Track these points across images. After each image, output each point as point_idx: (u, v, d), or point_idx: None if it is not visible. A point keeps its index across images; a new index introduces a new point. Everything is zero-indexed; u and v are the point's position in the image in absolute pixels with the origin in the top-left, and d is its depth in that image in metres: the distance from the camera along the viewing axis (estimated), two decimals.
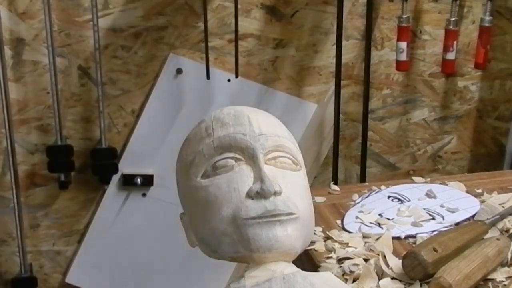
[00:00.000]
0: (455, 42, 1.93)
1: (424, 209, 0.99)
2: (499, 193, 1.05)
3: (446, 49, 1.95)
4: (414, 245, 0.89)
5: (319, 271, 0.75)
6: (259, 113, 0.63)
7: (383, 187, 1.09)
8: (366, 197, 1.06)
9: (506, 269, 0.83)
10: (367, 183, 1.14)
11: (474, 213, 0.98)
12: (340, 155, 2.04)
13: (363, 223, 0.96)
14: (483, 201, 1.02)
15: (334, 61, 1.90)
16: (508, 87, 2.13)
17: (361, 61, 1.98)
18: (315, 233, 0.92)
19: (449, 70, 2.00)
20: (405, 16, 1.89)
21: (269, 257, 0.56)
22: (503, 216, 0.94)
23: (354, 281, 0.81)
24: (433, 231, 0.93)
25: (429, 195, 1.05)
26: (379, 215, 0.98)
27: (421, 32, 2.02)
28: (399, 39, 1.91)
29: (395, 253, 0.86)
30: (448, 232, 0.86)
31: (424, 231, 0.93)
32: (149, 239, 1.84)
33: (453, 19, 1.92)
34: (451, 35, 1.93)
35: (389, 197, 1.05)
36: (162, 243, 1.85)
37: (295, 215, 0.57)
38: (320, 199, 1.05)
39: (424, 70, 2.07)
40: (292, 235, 0.56)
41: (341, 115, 1.99)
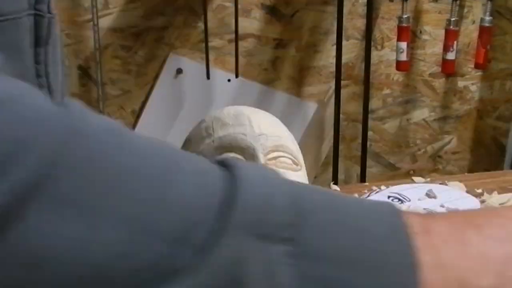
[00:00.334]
0: (455, 42, 1.93)
1: (424, 209, 0.99)
2: (499, 193, 1.05)
3: (446, 49, 1.95)
4: None
5: None
6: (259, 113, 0.63)
7: (383, 187, 1.09)
8: (366, 197, 1.05)
9: None
10: (367, 183, 1.14)
11: None
12: (340, 155, 2.04)
13: None
14: (483, 201, 1.02)
15: (334, 61, 1.90)
16: (508, 87, 2.13)
17: (361, 61, 1.98)
18: None
19: (449, 70, 2.00)
20: (405, 16, 1.89)
21: None
22: None
23: None
24: None
25: (429, 195, 1.05)
26: None
27: (421, 32, 2.02)
28: (399, 39, 1.91)
29: None
30: None
31: None
32: None
33: (453, 19, 1.92)
34: (451, 35, 1.93)
35: (389, 197, 1.05)
36: None
37: None
38: None
39: (424, 70, 2.07)
40: None
41: (341, 115, 1.99)
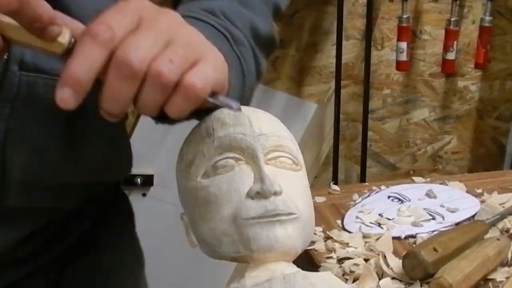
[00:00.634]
0: (455, 42, 1.94)
1: (424, 209, 0.99)
2: (499, 193, 1.05)
3: (446, 49, 1.95)
4: (414, 245, 0.89)
5: (319, 271, 0.75)
6: (259, 113, 0.63)
7: (383, 187, 1.09)
8: (366, 197, 1.06)
9: (506, 269, 0.83)
10: (367, 183, 1.14)
11: (474, 213, 0.98)
12: (340, 155, 2.04)
13: (363, 223, 0.96)
14: (483, 201, 1.02)
15: (334, 61, 1.91)
16: (508, 87, 2.13)
17: (361, 61, 1.98)
18: (315, 233, 0.92)
19: (449, 70, 2.00)
20: (405, 16, 1.89)
21: (270, 257, 0.56)
22: (503, 216, 0.94)
23: (354, 281, 0.81)
24: (433, 231, 0.93)
25: (429, 195, 1.05)
26: (379, 215, 0.98)
27: (421, 32, 2.02)
28: (399, 39, 1.91)
29: (395, 253, 0.86)
30: (448, 232, 0.87)
31: (424, 231, 0.93)
32: (149, 239, 1.83)
33: (453, 19, 1.92)
34: (451, 35, 1.93)
35: (389, 197, 1.05)
36: (162, 243, 1.85)
37: (295, 215, 0.57)
38: (320, 199, 1.05)
39: (424, 70, 2.07)
40: (292, 235, 0.56)
41: (341, 115, 1.99)
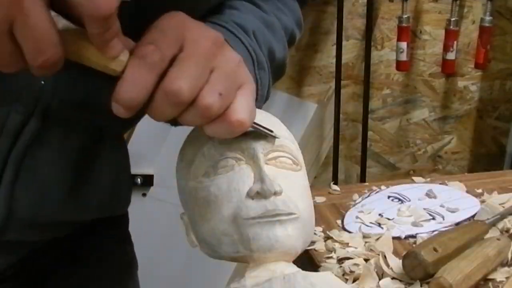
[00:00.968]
0: (455, 42, 1.94)
1: (424, 209, 0.99)
2: (499, 193, 1.05)
3: (446, 49, 1.95)
4: (414, 245, 0.89)
5: (319, 271, 0.75)
6: (259, 113, 0.63)
7: (383, 187, 1.09)
8: (366, 197, 1.06)
9: (506, 269, 0.83)
10: (367, 183, 1.14)
11: (474, 213, 0.98)
12: (340, 155, 2.04)
13: (363, 223, 0.96)
14: (483, 201, 1.02)
15: (334, 61, 1.91)
16: (508, 87, 2.13)
17: (361, 61, 1.98)
18: (315, 233, 0.92)
19: (449, 70, 2.00)
20: (405, 16, 1.89)
21: (270, 257, 0.56)
22: (503, 216, 0.94)
23: (354, 281, 0.81)
24: (433, 231, 0.93)
25: (429, 195, 1.05)
26: (379, 215, 0.98)
27: (421, 32, 2.02)
28: (399, 39, 1.91)
29: (395, 253, 0.86)
30: (448, 232, 0.86)
31: (424, 231, 0.93)
32: (149, 239, 1.84)
33: (453, 19, 1.92)
34: (451, 35, 1.93)
35: (389, 197, 1.05)
36: (162, 243, 1.85)
37: (295, 215, 0.57)
38: (320, 199, 1.05)
39: (424, 70, 2.07)
40: (292, 235, 0.56)
41: (341, 115, 1.99)
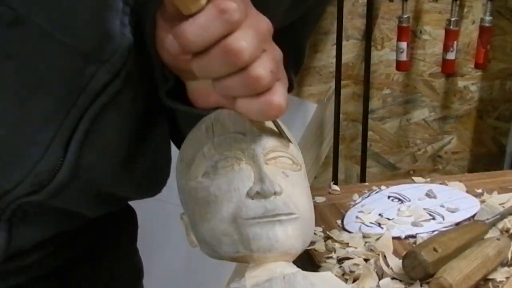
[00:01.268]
0: (455, 42, 1.94)
1: (424, 209, 0.99)
2: (499, 193, 1.05)
3: (446, 49, 1.95)
4: (414, 245, 0.89)
5: (319, 271, 0.75)
6: None
7: (383, 187, 1.09)
8: (366, 197, 1.06)
9: (506, 269, 0.83)
10: (367, 183, 1.14)
11: (474, 213, 0.98)
12: (340, 155, 2.04)
13: (363, 223, 0.96)
14: (483, 201, 1.02)
15: (334, 61, 1.91)
16: (508, 87, 2.13)
17: (361, 61, 1.98)
18: (315, 233, 0.92)
19: (449, 70, 2.00)
20: (405, 16, 1.89)
21: (270, 257, 0.56)
22: (503, 216, 0.94)
23: (354, 281, 0.81)
24: (433, 231, 0.93)
25: (429, 195, 1.05)
26: (379, 215, 0.98)
27: (421, 32, 2.02)
28: (399, 39, 1.91)
29: (395, 253, 0.86)
30: (448, 232, 0.87)
31: (424, 231, 0.93)
32: (149, 239, 1.84)
33: (453, 19, 1.92)
34: (451, 35, 1.93)
35: (389, 197, 1.05)
36: (162, 243, 1.85)
37: (295, 215, 0.57)
38: (320, 199, 1.05)
39: (424, 70, 2.07)
40: (292, 235, 0.56)
41: (341, 115, 1.99)
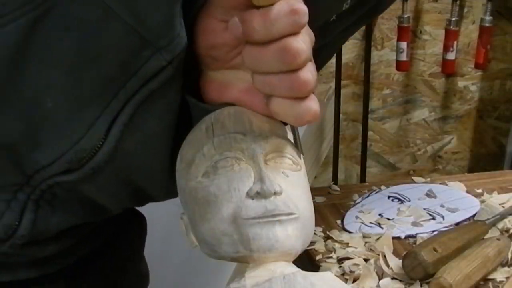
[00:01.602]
0: (455, 42, 1.94)
1: (424, 209, 0.99)
2: (499, 193, 1.05)
3: (446, 49, 1.95)
4: (414, 245, 0.89)
5: (319, 271, 0.75)
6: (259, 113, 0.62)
7: (383, 187, 1.09)
8: (366, 197, 1.06)
9: (506, 269, 0.83)
10: (367, 183, 1.14)
11: (474, 213, 0.98)
12: (340, 155, 2.04)
13: (363, 223, 0.96)
14: (483, 201, 1.02)
15: (334, 61, 1.90)
16: (508, 87, 2.13)
17: (361, 61, 1.98)
18: (315, 233, 0.92)
19: (449, 70, 2.00)
20: (405, 16, 1.89)
21: (270, 257, 0.56)
22: (503, 216, 0.94)
23: (354, 281, 0.81)
24: (433, 231, 0.93)
25: (429, 195, 1.05)
26: (379, 215, 0.98)
27: (421, 32, 2.02)
28: (399, 39, 1.91)
29: (395, 253, 0.86)
30: (448, 232, 0.87)
31: (424, 231, 0.93)
32: (149, 239, 1.84)
33: (453, 19, 1.92)
34: (451, 35, 1.93)
35: (389, 197, 1.05)
36: (162, 243, 1.85)
37: (295, 215, 0.57)
38: (320, 199, 1.05)
39: (424, 70, 2.07)
40: (292, 235, 0.56)
41: (341, 115, 1.99)
